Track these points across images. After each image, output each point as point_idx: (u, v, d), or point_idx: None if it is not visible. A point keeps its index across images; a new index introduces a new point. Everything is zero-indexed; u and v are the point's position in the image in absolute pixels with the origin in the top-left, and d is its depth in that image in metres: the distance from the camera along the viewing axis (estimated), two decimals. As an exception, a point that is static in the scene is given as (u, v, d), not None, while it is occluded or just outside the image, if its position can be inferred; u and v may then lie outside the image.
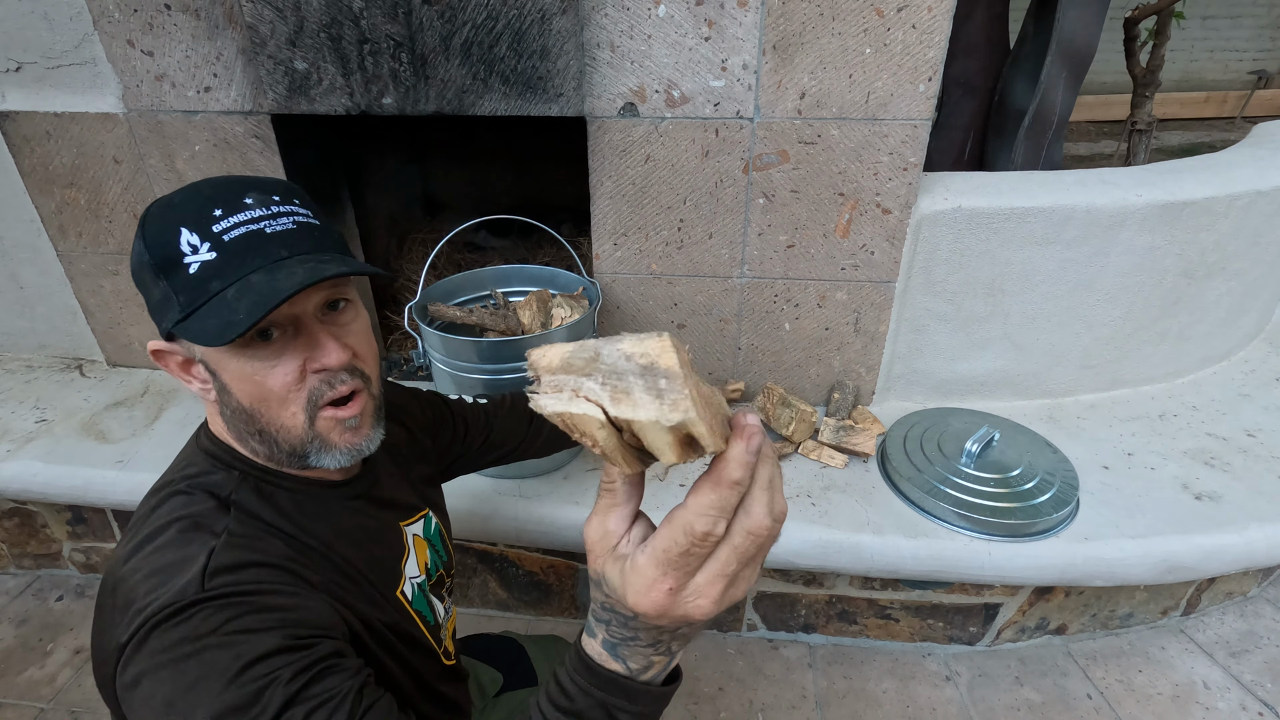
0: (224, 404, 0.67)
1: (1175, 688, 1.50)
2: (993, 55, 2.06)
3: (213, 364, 0.65)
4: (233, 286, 0.61)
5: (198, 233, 0.61)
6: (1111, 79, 4.27)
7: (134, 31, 1.42)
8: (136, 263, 0.64)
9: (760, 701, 1.49)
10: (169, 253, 0.61)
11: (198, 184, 0.65)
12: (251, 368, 0.64)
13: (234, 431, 0.70)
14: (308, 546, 0.69)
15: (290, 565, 0.65)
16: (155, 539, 0.63)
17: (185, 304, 0.62)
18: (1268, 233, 1.71)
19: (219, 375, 0.66)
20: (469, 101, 1.42)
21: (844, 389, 1.68)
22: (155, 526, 0.64)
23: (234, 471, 0.70)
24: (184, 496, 0.67)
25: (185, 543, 0.62)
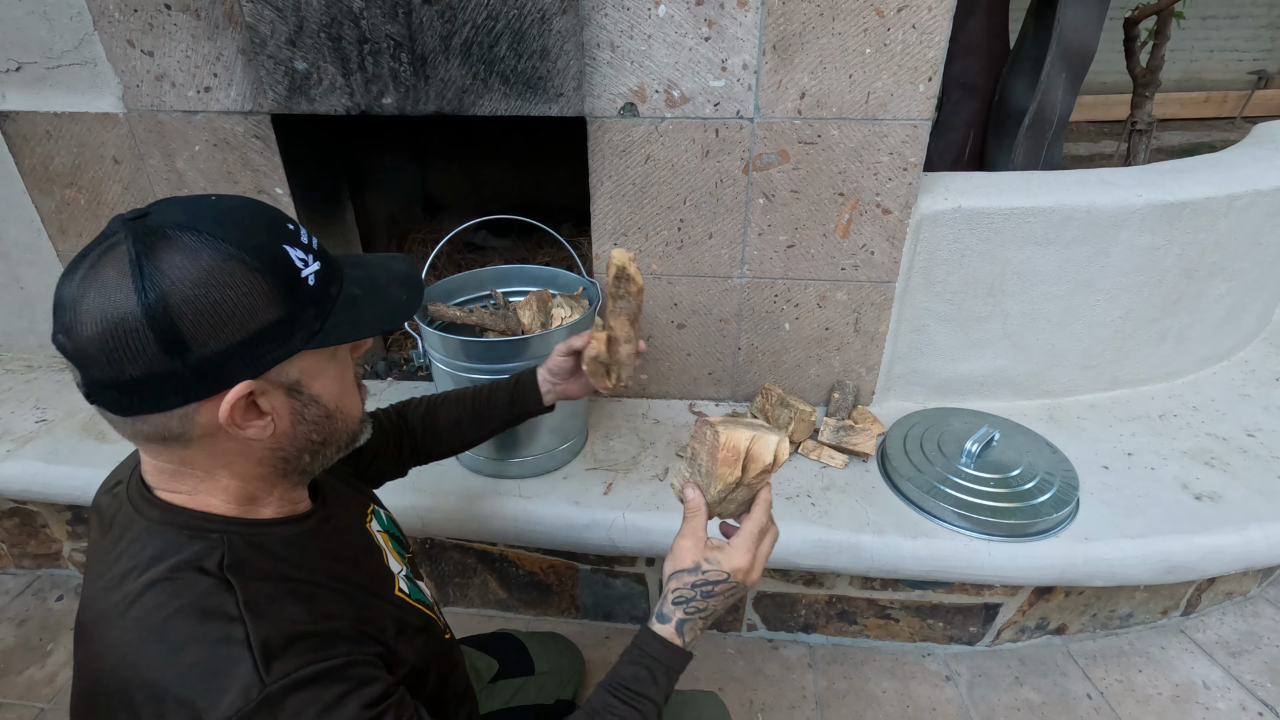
0: (300, 421, 0.64)
1: (1175, 688, 1.50)
2: (993, 55, 2.06)
3: (307, 378, 0.63)
4: (347, 286, 0.65)
5: (298, 248, 0.61)
6: (1111, 79, 4.27)
7: (134, 31, 1.42)
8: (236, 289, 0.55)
9: (760, 701, 1.49)
10: (289, 273, 0.59)
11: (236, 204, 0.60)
12: (343, 365, 0.68)
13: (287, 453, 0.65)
14: (318, 585, 0.66)
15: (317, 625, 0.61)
16: (167, 637, 0.56)
17: (317, 314, 0.61)
18: (1268, 233, 1.71)
19: (308, 388, 0.63)
20: (469, 101, 1.42)
21: (844, 389, 1.68)
22: (156, 623, 0.56)
23: (210, 536, 0.62)
24: (168, 584, 0.58)
25: (205, 636, 0.56)
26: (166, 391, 0.56)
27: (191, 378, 0.56)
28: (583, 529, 1.43)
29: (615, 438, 1.65)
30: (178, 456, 0.62)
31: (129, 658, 0.56)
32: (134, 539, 0.62)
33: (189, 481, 0.64)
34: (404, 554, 0.89)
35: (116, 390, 0.55)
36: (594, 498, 1.47)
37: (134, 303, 0.53)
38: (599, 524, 1.42)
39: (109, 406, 0.57)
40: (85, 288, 0.54)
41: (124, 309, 0.53)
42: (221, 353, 0.56)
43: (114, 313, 0.53)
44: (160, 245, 0.54)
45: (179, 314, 0.53)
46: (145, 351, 0.53)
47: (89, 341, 0.54)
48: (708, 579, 0.77)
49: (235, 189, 1.59)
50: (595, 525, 1.42)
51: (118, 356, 0.54)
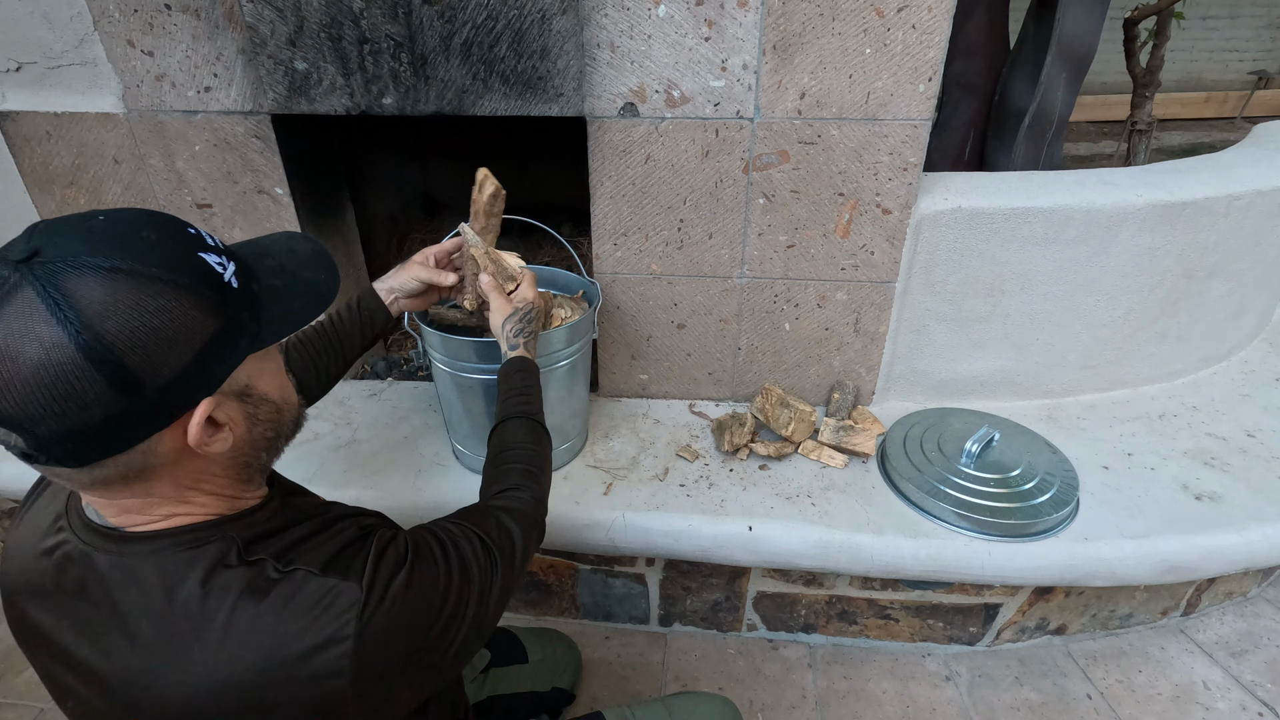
0: (255, 423, 0.64)
1: (1175, 688, 1.50)
2: (993, 55, 2.06)
3: (253, 380, 0.62)
4: (263, 278, 0.64)
5: (211, 253, 0.58)
6: (1111, 79, 4.28)
7: (134, 31, 1.42)
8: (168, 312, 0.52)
9: (760, 701, 1.49)
10: (214, 281, 0.56)
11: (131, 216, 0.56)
12: (275, 360, 0.67)
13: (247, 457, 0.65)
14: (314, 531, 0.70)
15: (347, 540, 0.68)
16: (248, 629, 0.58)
17: (251, 316, 0.60)
18: (1268, 233, 1.71)
19: (257, 390, 0.63)
20: (469, 101, 1.42)
21: (844, 389, 1.68)
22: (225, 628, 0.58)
23: (211, 542, 0.62)
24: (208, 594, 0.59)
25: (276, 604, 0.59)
26: (126, 429, 0.53)
27: (150, 410, 0.53)
28: (583, 529, 1.43)
29: (615, 438, 1.65)
30: (141, 490, 0.59)
31: (222, 676, 0.57)
32: (135, 582, 0.59)
33: (162, 508, 0.61)
34: None
35: (72, 442, 0.52)
36: (594, 498, 1.47)
37: (70, 348, 0.48)
38: (599, 524, 1.42)
39: (64, 461, 0.54)
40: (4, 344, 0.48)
41: (60, 357, 0.48)
42: (176, 378, 0.54)
43: (50, 363, 0.48)
44: (71, 283, 0.49)
45: (121, 350, 0.50)
46: (95, 394, 0.50)
47: (28, 399, 0.49)
48: (522, 311, 1.16)
49: (235, 189, 1.59)
50: (595, 525, 1.42)
51: (66, 407, 0.49)
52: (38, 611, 0.63)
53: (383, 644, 0.61)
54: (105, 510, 0.61)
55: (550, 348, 1.37)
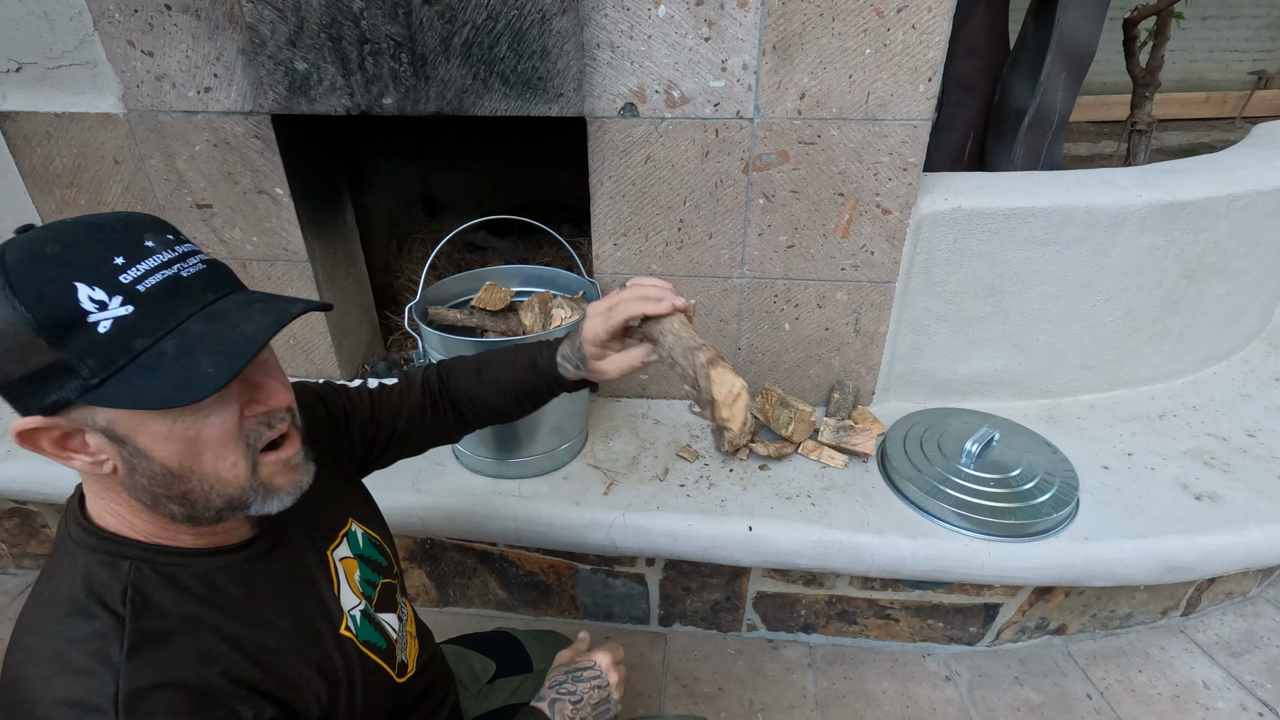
0: (136, 471, 0.58)
1: (1175, 688, 1.50)
2: (993, 55, 2.06)
3: (123, 430, 0.56)
4: (168, 340, 0.55)
5: (101, 286, 0.53)
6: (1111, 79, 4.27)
7: (134, 32, 1.42)
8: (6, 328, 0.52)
9: (760, 701, 1.49)
10: (64, 313, 0.52)
11: (66, 230, 0.55)
12: (183, 424, 0.57)
13: (145, 499, 0.60)
14: (225, 628, 0.63)
15: (200, 678, 0.59)
16: (52, 665, 0.56)
17: (97, 368, 0.53)
18: (1267, 233, 1.71)
19: (132, 441, 0.57)
20: (469, 102, 1.42)
21: (844, 389, 1.68)
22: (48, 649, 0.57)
23: (121, 564, 0.61)
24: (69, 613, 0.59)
25: (80, 681, 0.55)
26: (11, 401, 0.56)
27: (10, 396, 0.56)
28: (583, 529, 1.43)
29: (615, 438, 1.65)
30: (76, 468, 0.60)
31: (19, 674, 0.57)
32: (59, 557, 0.63)
33: (106, 500, 0.62)
34: (376, 581, 0.83)
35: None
36: (594, 498, 1.47)
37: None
38: (599, 524, 1.42)
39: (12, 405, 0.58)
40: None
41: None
42: (13, 383, 0.54)
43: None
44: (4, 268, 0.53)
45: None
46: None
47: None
48: (576, 664, 0.93)
49: (235, 189, 1.59)
50: (595, 525, 1.42)
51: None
52: None
53: None
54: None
55: (550, 348, 1.37)
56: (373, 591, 0.82)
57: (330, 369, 1.84)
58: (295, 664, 0.67)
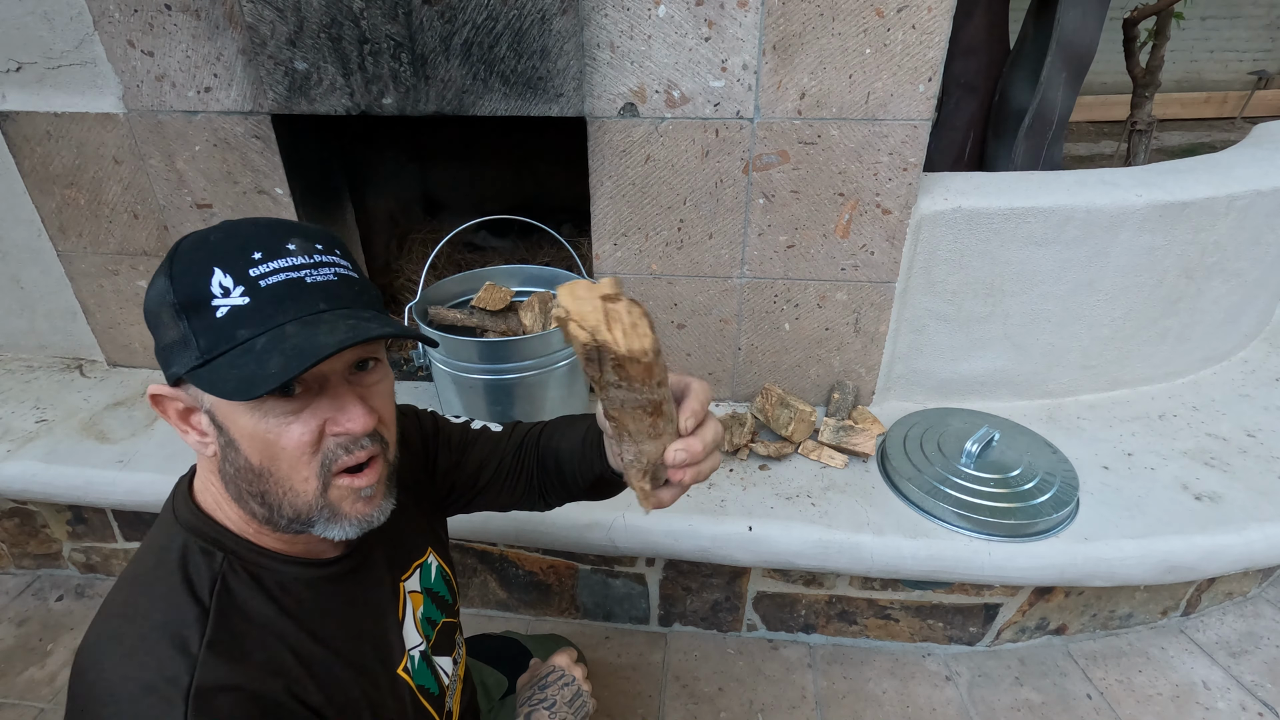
0: (227, 460, 0.61)
1: (1175, 688, 1.50)
2: (993, 55, 2.06)
3: (221, 417, 0.59)
4: (263, 336, 0.56)
5: (232, 275, 0.57)
6: (1111, 79, 4.27)
7: (134, 32, 1.42)
8: (156, 299, 0.58)
9: (760, 701, 1.49)
10: (197, 293, 0.56)
11: (237, 223, 0.60)
12: (266, 425, 0.58)
13: (232, 491, 0.63)
14: (298, 646, 0.63)
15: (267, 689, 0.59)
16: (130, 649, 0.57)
17: (205, 349, 0.56)
18: (1268, 233, 1.71)
19: (226, 429, 0.59)
20: (469, 101, 1.42)
21: (844, 389, 1.68)
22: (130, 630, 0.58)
23: (218, 554, 0.63)
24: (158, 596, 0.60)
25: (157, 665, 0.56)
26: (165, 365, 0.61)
27: (159, 362, 0.61)
28: (583, 529, 1.43)
29: (615, 438, 1.64)
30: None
31: (93, 650, 0.58)
32: (159, 533, 0.65)
33: (212, 481, 0.65)
34: (437, 620, 0.82)
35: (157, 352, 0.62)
36: (594, 498, 1.47)
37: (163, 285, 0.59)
38: (599, 524, 1.42)
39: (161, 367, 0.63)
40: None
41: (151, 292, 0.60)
42: (158, 349, 0.61)
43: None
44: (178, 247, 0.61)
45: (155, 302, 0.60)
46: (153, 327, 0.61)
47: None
48: (537, 675, 0.94)
49: (235, 189, 1.59)
50: (595, 525, 1.42)
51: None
52: None
53: None
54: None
55: (550, 348, 1.37)
56: (432, 631, 0.81)
57: (330, 369, 1.84)
58: (354, 696, 0.66)
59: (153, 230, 1.68)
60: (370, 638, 0.71)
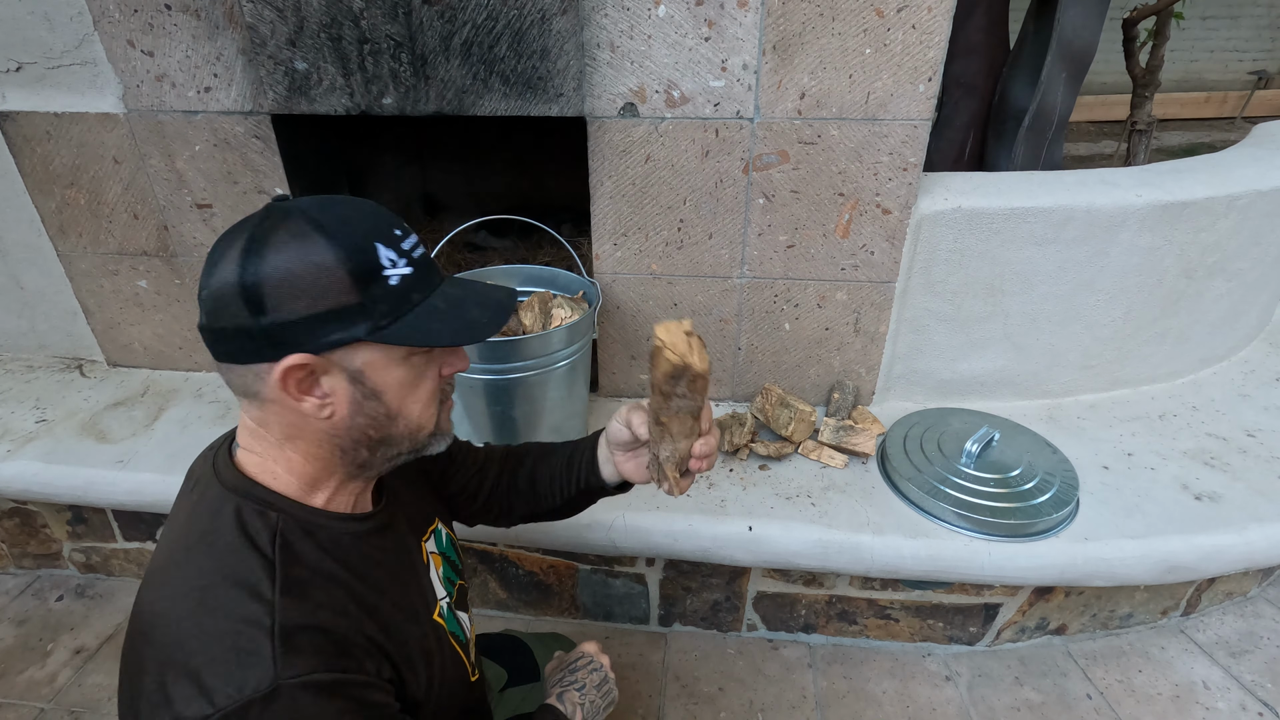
0: (358, 414, 0.67)
1: (1175, 688, 1.50)
2: (993, 55, 2.06)
3: (371, 373, 0.66)
4: (435, 297, 0.68)
5: (392, 249, 0.65)
6: (1111, 79, 4.28)
7: (134, 31, 1.42)
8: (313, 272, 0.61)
9: (760, 701, 1.49)
10: (370, 265, 0.63)
11: (347, 201, 0.66)
12: (415, 373, 0.69)
13: (343, 444, 0.68)
14: (355, 590, 0.68)
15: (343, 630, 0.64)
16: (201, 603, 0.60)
17: (388, 312, 0.64)
18: (1268, 233, 1.71)
19: (373, 383, 0.66)
20: (469, 101, 1.42)
21: (844, 389, 1.68)
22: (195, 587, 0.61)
23: (269, 514, 0.66)
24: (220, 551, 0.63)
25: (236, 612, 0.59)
26: (242, 347, 0.63)
27: (262, 338, 0.62)
28: (583, 529, 1.43)
29: (615, 438, 1.65)
30: (255, 416, 0.67)
31: (159, 612, 0.61)
32: (205, 500, 0.67)
33: (263, 445, 0.68)
34: (454, 580, 0.88)
35: (212, 336, 0.64)
36: (594, 498, 1.47)
37: (236, 267, 0.61)
38: (599, 524, 1.42)
39: (210, 347, 0.65)
40: (216, 248, 0.63)
41: (229, 270, 0.61)
42: (289, 322, 0.61)
43: (222, 272, 0.62)
44: (278, 223, 0.62)
45: (266, 280, 0.60)
46: (234, 308, 0.61)
47: (205, 292, 0.63)
48: (566, 660, 0.99)
49: (235, 189, 1.59)
50: (595, 525, 1.42)
51: (217, 309, 0.62)
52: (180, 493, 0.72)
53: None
54: (240, 420, 0.70)
55: (550, 348, 1.37)
56: (452, 589, 0.87)
57: (330, 369, 1.84)
58: (405, 636, 0.71)
59: (153, 230, 1.68)
60: (412, 585, 0.77)
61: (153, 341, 1.87)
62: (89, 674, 1.56)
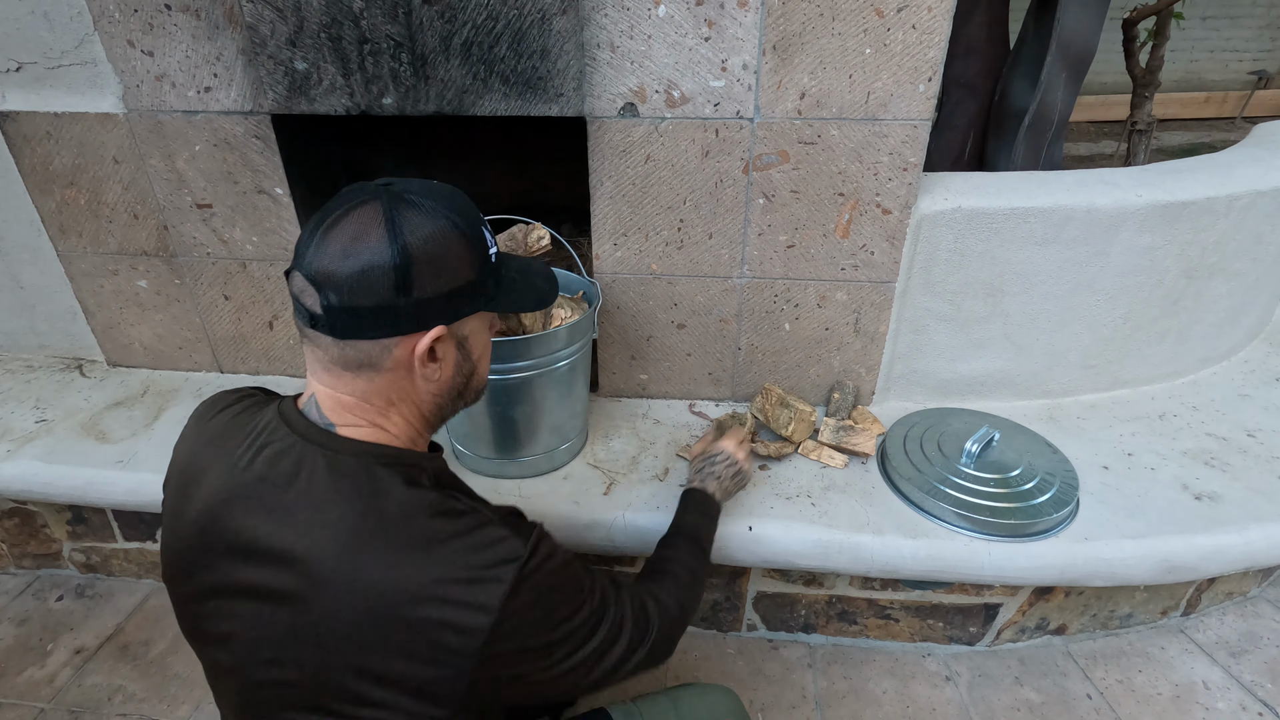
0: (458, 374, 0.78)
1: (1175, 688, 1.50)
2: (993, 55, 2.07)
3: (472, 341, 0.78)
4: (509, 270, 0.81)
5: (487, 230, 0.77)
6: (1111, 79, 4.28)
7: (134, 31, 1.42)
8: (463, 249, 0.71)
9: (760, 701, 1.49)
10: (485, 244, 0.75)
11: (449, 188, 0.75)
12: (489, 336, 0.82)
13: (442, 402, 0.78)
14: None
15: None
16: (432, 539, 0.65)
17: (494, 285, 0.77)
18: (1268, 233, 1.71)
19: (470, 348, 0.78)
20: (469, 101, 1.42)
21: (844, 389, 1.68)
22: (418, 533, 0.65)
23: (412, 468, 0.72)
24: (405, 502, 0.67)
25: (461, 526, 0.67)
26: (384, 323, 0.68)
27: (405, 315, 0.68)
28: (583, 529, 1.43)
29: (615, 438, 1.65)
30: (361, 388, 0.72)
31: (396, 578, 0.63)
32: (341, 477, 0.68)
33: (367, 414, 0.72)
34: None
35: (350, 315, 0.67)
36: (594, 498, 1.47)
37: (386, 249, 0.66)
38: (599, 524, 1.42)
39: (330, 329, 0.68)
40: (344, 231, 0.67)
41: (379, 258, 0.66)
42: (432, 298, 0.69)
43: (369, 254, 0.66)
44: (405, 207, 0.68)
45: (416, 260, 0.67)
46: (383, 287, 0.66)
47: (351, 274, 0.66)
48: (707, 455, 1.25)
49: (235, 189, 1.59)
50: (595, 525, 1.42)
51: (361, 288, 0.66)
52: (241, 515, 0.68)
53: (525, 607, 0.65)
54: (325, 403, 0.72)
55: (551, 348, 1.37)
56: None
57: (330, 369, 1.84)
58: None
59: (153, 230, 1.68)
60: None
61: (153, 341, 1.87)
62: (89, 674, 1.56)
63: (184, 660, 1.58)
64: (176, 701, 1.50)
